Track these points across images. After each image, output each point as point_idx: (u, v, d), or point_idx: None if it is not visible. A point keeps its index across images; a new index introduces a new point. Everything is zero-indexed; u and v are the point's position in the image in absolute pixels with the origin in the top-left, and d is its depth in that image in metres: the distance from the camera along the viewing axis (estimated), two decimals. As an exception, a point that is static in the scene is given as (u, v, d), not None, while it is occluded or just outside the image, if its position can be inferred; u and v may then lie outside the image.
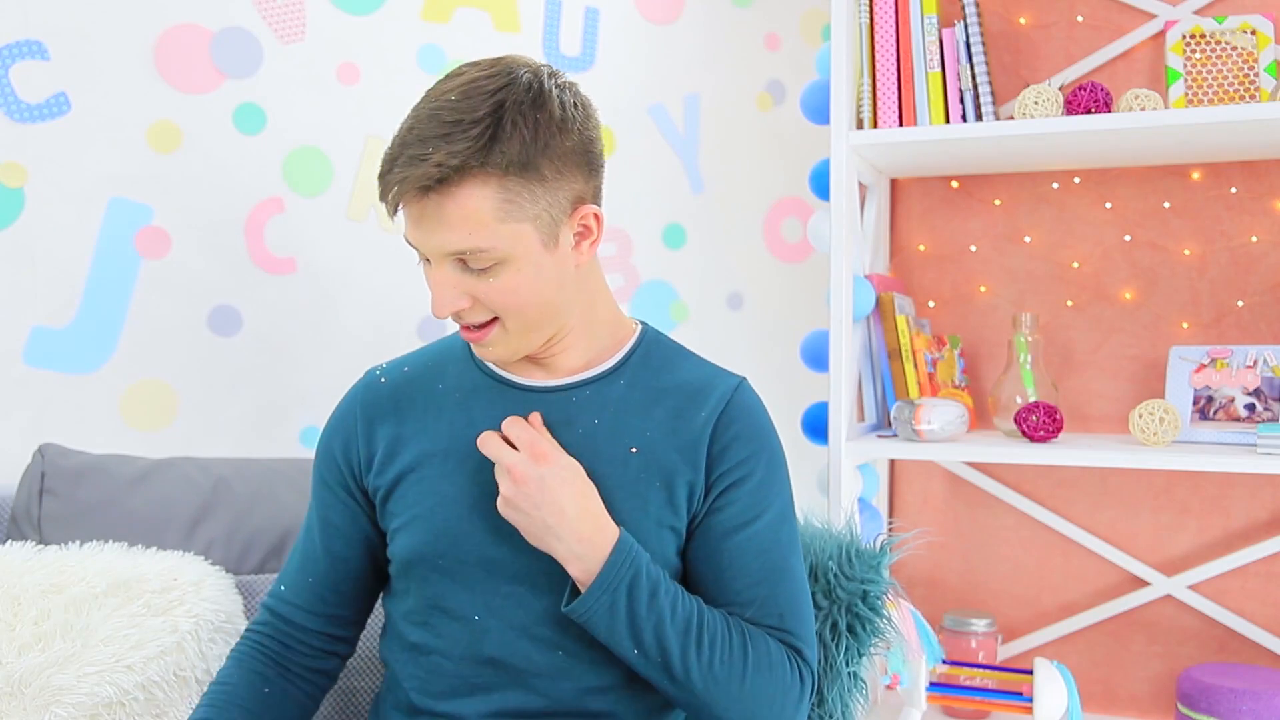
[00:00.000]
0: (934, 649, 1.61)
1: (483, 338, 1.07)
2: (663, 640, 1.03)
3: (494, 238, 1.00)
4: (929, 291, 2.14)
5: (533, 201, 1.01)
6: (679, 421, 1.11)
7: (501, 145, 0.98)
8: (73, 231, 1.63)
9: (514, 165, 0.99)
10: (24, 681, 1.18)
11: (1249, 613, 1.91)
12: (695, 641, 1.04)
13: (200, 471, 1.51)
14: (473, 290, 1.03)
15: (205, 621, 1.30)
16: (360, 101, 1.87)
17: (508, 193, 0.99)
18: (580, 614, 1.03)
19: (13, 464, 1.53)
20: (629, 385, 1.13)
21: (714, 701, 1.05)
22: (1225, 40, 1.86)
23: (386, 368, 1.20)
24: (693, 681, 1.04)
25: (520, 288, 1.03)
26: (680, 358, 1.18)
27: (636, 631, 1.03)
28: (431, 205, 0.99)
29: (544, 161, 1.00)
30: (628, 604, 1.02)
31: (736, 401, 1.13)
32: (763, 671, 1.07)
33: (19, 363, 1.59)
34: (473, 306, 1.04)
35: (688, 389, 1.13)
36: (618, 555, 1.03)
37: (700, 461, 1.10)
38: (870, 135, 1.83)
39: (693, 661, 1.04)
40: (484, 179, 0.98)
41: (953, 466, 2.11)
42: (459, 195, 0.98)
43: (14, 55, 1.59)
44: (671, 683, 1.05)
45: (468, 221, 0.99)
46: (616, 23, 2.14)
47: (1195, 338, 1.95)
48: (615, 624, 1.03)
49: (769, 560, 1.10)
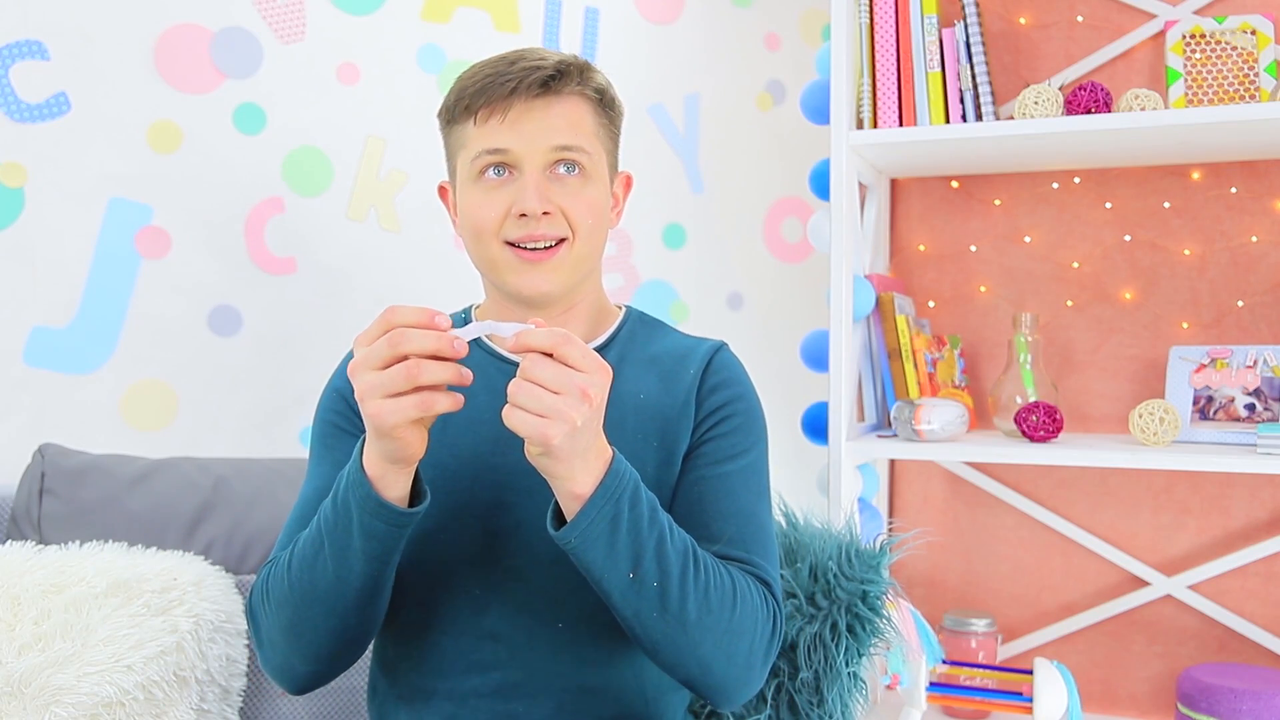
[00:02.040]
0: (934, 649, 1.61)
1: (549, 257, 1.09)
2: (663, 560, 0.97)
3: (592, 143, 1.11)
4: (929, 291, 2.14)
5: (610, 136, 1.15)
6: (669, 383, 1.15)
7: (595, 78, 1.12)
8: (73, 231, 1.63)
9: (604, 96, 1.13)
10: (24, 681, 1.18)
11: (1249, 613, 1.91)
12: (694, 565, 0.99)
13: (200, 471, 1.51)
14: (559, 199, 1.08)
15: (205, 621, 1.30)
16: (360, 101, 1.87)
17: (599, 116, 1.12)
18: (581, 527, 0.94)
19: (13, 464, 1.53)
20: (619, 357, 1.17)
21: (701, 636, 0.99)
22: (1225, 40, 1.86)
23: None
24: (687, 611, 0.98)
25: (596, 204, 1.11)
26: (664, 331, 1.23)
27: (638, 547, 0.95)
28: (545, 105, 1.07)
29: (614, 112, 1.16)
30: (630, 515, 0.95)
31: (719, 358, 1.19)
32: (746, 602, 1.03)
33: (19, 363, 1.59)
34: (551, 217, 1.08)
35: (675, 353, 1.18)
36: (618, 465, 0.96)
37: (691, 409, 1.14)
38: (870, 135, 1.83)
39: (690, 586, 0.98)
40: (585, 97, 1.11)
41: (953, 466, 2.11)
42: (569, 99, 1.09)
43: (14, 55, 1.59)
44: (662, 612, 0.97)
45: (574, 124, 1.09)
46: (616, 23, 2.14)
47: (1195, 338, 1.95)
48: (616, 538, 0.94)
49: (739, 501, 1.11)
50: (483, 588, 1.09)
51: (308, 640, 1.04)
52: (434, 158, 1.94)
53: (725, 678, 1.03)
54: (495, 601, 1.09)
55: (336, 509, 0.98)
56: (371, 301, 1.88)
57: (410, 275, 1.92)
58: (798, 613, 1.26)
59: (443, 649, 1.10)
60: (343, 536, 0.97)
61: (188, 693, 1.28)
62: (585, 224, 1.09)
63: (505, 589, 1.09)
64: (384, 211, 1.90)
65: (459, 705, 1.09)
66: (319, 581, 1.00)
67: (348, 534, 0.97)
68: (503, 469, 1.08)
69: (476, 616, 1.09)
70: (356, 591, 1.00)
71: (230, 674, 1.35)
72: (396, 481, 0.96)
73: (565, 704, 1.09)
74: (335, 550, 0.98)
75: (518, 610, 1.08)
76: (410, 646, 1.12)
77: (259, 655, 1.09)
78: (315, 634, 1.03)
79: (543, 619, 1.09)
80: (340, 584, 0.99)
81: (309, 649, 1.04)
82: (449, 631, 1.10)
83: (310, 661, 1.06)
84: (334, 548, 0.98)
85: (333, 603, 1.01)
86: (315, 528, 1.01)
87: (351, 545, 0.97)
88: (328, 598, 1.00)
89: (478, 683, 1.09)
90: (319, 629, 1.03)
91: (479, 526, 1.09)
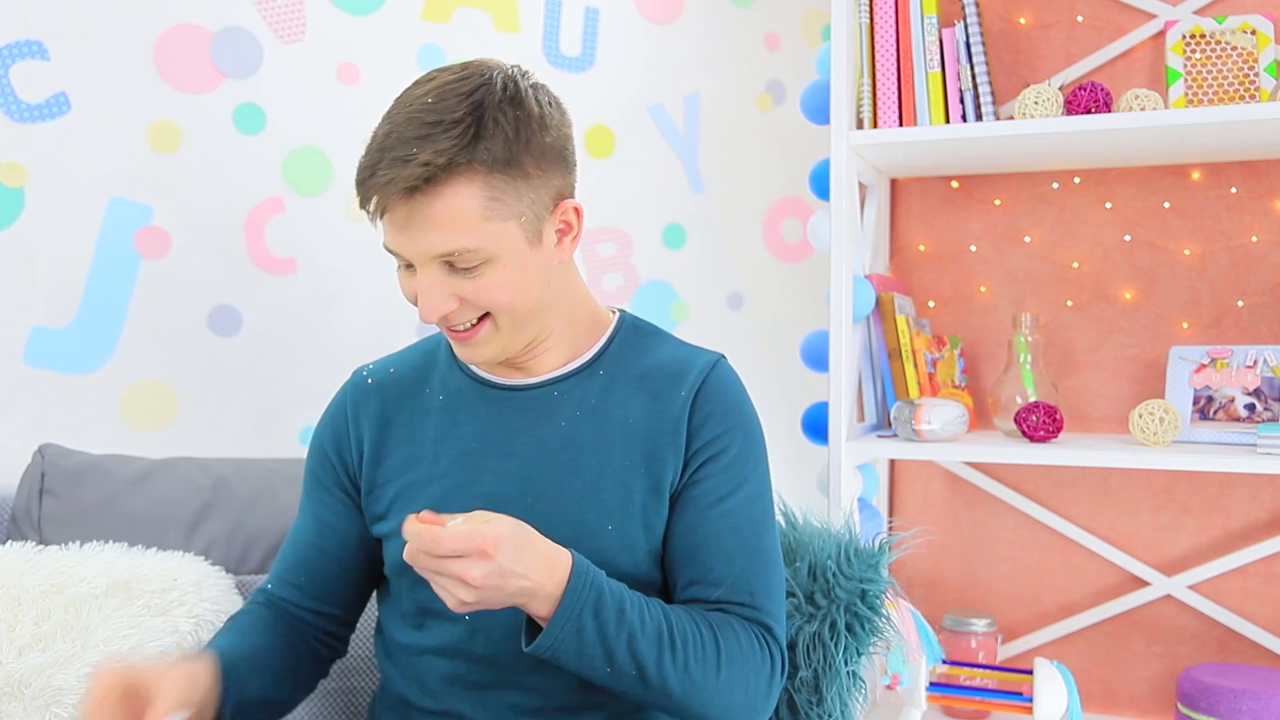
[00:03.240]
0: (934, 649, 1.62)
1: (473, 337, 1.06)
2: (636, 654, 1.00)
3: (481, 237, 1.00)
4: (929, 291, 2.14)
5: (517, 199, 1.01)
6: (659, 404, 1.11)
7: (485, 143, 0.98)
8: (73, 231, 1.63)
9: (498, 162, 0.99)
10: (24, 681, 1.18)
11: (1249, 613, 1.91)
12: (669, 648, 1.01)
13: (200, 471, 1.51)
14: (460, 291, 1.03)
15: (205, 622, 1.30)
16: (360, 101, 1.87)
17: (493, 190, 1.00)
18: (547, 647, 0.98)
19: (13, 464, 1.53)
20: (609, 375, 1.14)
21: (690, 701, 1.03)
22: (1225, 40, 1.86)
23: (373, 368, 1.21)
24: (669, 687, 1.02)
25: (508, 284, 1.03)
26: (658, 340, 1.19)
27: (608, 649, 0.99)
28: (419, 207, 0.99)
29: (526, 158, 1.01)
30: (595, 624, 0.98)
31: (713, 378, 1.13)
32: (735, 661, 1.05)
33: (19, 363, 1.59)
34: (460, 307, 1.04)
35: (666, 370, 1.14)
36: (576, 580, 0.98)
37: (681, 438, 1.10)
38: (870, 135, 1.83)
39: (668, 668, 1.01)
40: (470, 177, 0.98)
41: (953, 466, 2.11)
42: (445, 195, 0.98)
43: (14, 55, 1.59)
44: (646, 691, 1.02)
45: (455, 221, 0.99)
46: (616, 23, 2.14)
47: (1195, 338, 1.95)
48: (585, 648, 0.98)
49: (742, 538, 1.10)
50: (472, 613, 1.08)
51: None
52: (434, 158, 1.94)
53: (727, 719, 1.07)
54: (484, 626, 1.09)
55: None
56: (371, 301, 1.88)
57: (410, 275, 1.92)
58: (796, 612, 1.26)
59: (437, 669, 1.11)
60: None
61: (188, 693, 1.28)
62: (501, 305, 1.04)
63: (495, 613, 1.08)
64: (384, 211, 1.90)
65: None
66: None
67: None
68: (489, 498, 1.08)
69: (467, 639, 1.10)
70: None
71: (230, 674, 1.35)
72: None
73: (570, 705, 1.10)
74: None
75: (506, 635, 1.08)
76: (407, 666, 1.14)
77: None
78: None
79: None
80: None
81: None
82: (442, 653, 1.11)
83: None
84: None
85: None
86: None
87: None
88: None
89: (473, 703, 1.10)
90: None
91: None
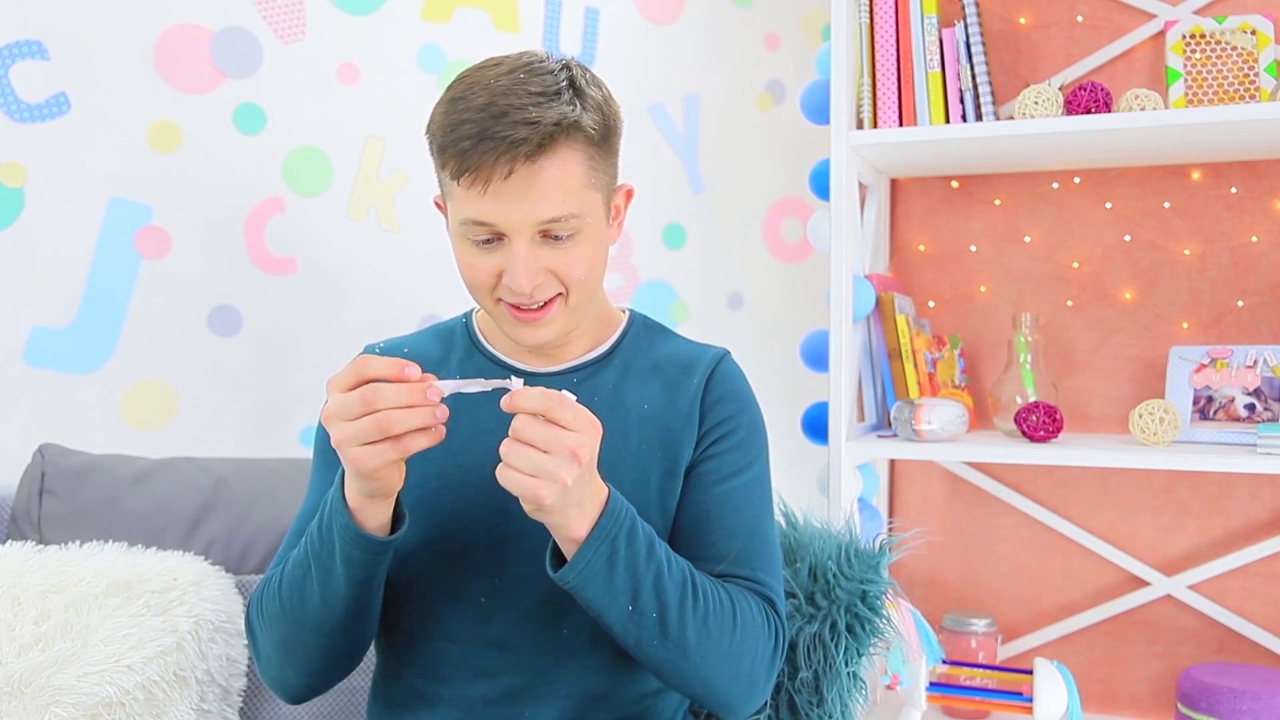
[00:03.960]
0: (934, 649, 1.62)
1: (543, 316, 1.06)
2: (661, 592, 0.99)
3: (581, 204, 1.02)
4: (929, 291, 2.14)
5: (605, 171, 1.05)
6: (672, 391, 1.15)
7: (590, 112, 1.01)
8: (73, 231, 1.63)
9: (597, 132, 1.02)
10: (24, 681, 1.18)
11: (1249, 613, 1.91)
12: (692, 595, 1.01)
13: (200, 471, 1.51)
14: (549, 263, 1.03)
15: (205, 621, 1.30)
16: (360, 101, 1.87)
17: (591, 160, 1.02)
18: (578, 569, 0.96)
19: (13, 464, 1.53)
20: (623, 365, 1.17)
21: (703, 659, 1.02)
22: (1225, 40, 1.86)
23: (385, 346, 1.20)
24: (687, 638, 1.00)
25: (590, 258, 1.05)
26: (667, 336, 1.23)
27: (636, 582, 0.97)
28: (527, 173, 0.98)
29: (612, 132, 1.05)
30: (627, 553, 0.97)
31: (722, 369, 1.17)
32: (747, 626, 1.05)
33: (19, 363, 1.60)
34: (545, 281, 1.04)
35: (678, 361, 1.17)
36: (614, 504, 0.98)
37: (695, 419, 1.13)
38: (870, 135, 1.83)
39: (689, 616, 1.00)
40: (578, 143, 1.01)
41: (953, 466, 2.11)
42: (557, 159, 0.99)
43: (14, 55, 1.59)
44: (663, 640, 1.00)
45: (563, 186, 1.00)
46: (616, 23, 2.14)
47: (1195, 338, 1.95)
48: (614, 576, 0.97)
49: (744, 517, 1.12)
50: (488, 595, 1.09)
51: (300, 656, 1.06)
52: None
53: (729, 695, 1.06)
54: (500, 609, 1.09)
55: (321, 536, 1.01)
56: (372, 301, 1.88)
57: (410, 275, 1.92)
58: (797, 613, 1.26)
59: (449, 656, 1.11)
60: (326, 562, 1.00)
61: (188, 693, 1.28)
62: (578, 279, 1.05)
63: (510, 596, 1.09)
64: (384, 211, 1.90)
65: (465, 712, 1.10)
66: (307, 602, 1.03)
67: (331, 560, 1.00)
68: None
69: (482, 624, 1.10)
70: (342, 613, 1.03)
71: (230, 674, 1.35)
72: (376, 512, 0.98)
73: (569, 709, 1.10)
74: (320, 574, 1.01)
75: (523, 617, 1.09)
76: (415, 653, 1.13)
77: (257, 666, 1.12)
78: (306, 650, 1.06)
79: (548, 625, 1.09)
80: (326, 605, 1.02)
81: (302, 664, 1.07)
82: (455, 639, 1.11)
83: (304, 675, 1.08)
84: (319, 572, 1.01)
85: (320, 622, 1.03)
86: (302, 551, 1.03)
87: (334, 571, 1.00)
88: (315, 618, 1.03)
89: (484, 689, 1.10)
90: (309, 646, 1.05)
91: (484, 535, 1.09)
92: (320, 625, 1.03)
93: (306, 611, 1.03)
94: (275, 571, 1.09)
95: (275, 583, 1.06)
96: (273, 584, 1.07)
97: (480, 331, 1.19)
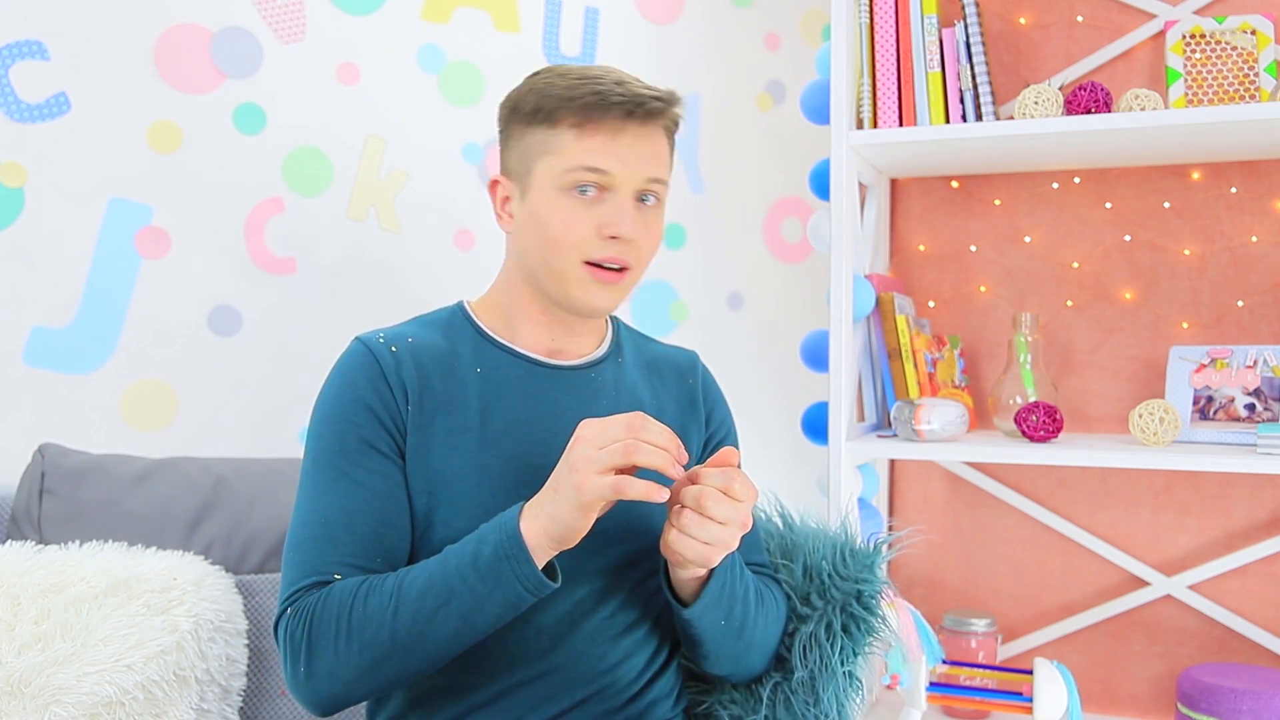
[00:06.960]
0: (934, 649, 1.61)
1: (621, 279, 1.12)
2: (746, 605, 1.11)
3: (669, 175, 1.15)
4: (929, 291, 2.14)
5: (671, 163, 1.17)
6: (675, 390, 1.25)
7: (677, 109, 1.14)
8: (73, 231, 1.63)
9: (675, 128, 1.16)
10: (24, 681, 1.18)
11: (1249, 613, 1.91)
12: (759, 600, 1.14)
13: (200, 471, 1.51)
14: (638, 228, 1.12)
15: (205, 621, 1.30)
16: (360, 101, 1.87)
17: (671, 147, 1.16)
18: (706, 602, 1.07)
19: (13, 464, 1.53)
20: (627, 362, 1.23)
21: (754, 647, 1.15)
22: (1225, 40, 1.86)
23: (389, 335, 1.14)
24: (754, 636, 1.13)
25: (659, 233, 1.15)
26: (643, 336, 1.31)
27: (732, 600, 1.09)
28: (644, 134, 1.09)
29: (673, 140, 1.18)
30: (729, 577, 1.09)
31: (707, 372, 1.31)
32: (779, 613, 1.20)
33: (19, 363, 1.60)
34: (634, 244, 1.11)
35: (669, 363, 1.28)
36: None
37: (700, 419, 1.25)
38: (870, 135, 1.83)
39: (756, 620, 1.13)
40: (669, 126, 1.14)
41: (953, 466, 2.11)
42: (660, 129, 1.12)
43: (14, 55, 1.59)
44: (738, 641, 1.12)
45: (662, 155, 1.13)
46: (616, 23, 2.14)
47: (1195, 338, 1.95)
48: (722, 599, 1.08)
49: None
50: None
51: (388, 679, 1.03)
52: (434, 157, 1.95)
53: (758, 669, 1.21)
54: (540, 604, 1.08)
55: (480, 573, 0.98)
56: (372, 301, 1.88)
57: (410, 275, 1.92)
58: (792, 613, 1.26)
59: (485, 645, 1.08)
60: (479, 600, 0.98)
61: (188, 692, 1.28)
62: (648, 254, 1.14)
63: None
64: (384, 211, 1.90)
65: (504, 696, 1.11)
66: (434, 633, 1.00)
67: (487, 599, 0.98)
68: (544, 469, 1.06)
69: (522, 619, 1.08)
70: (468, 644, 1.03)
71: (230, 674, 1.35)
72: (547, 556, 1.00)
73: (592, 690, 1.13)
74: (464, 609, 0.99)
75: (560, 610, 1.10)
76: None
77: (298, 680, 1.04)
78: (402, 674, 1.02)
79: (584, 611, 1.12)
80: (457, 637, 1.01)
81: (383, 686, 1.03)
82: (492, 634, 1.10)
83: (372, 693, 1.05)
84: (464, 607, 0.99)
85: (441, 652, 1.02)
86: (440, 583, 0.99)
87: (486, 609, 0.99)
88: (438, 647, 1.01)
89: (521, 674, 1.11)
90: (409, 670, 1.02)
91: None
92: (439, 654, 1.01)
93: (429, 641, 1.00)
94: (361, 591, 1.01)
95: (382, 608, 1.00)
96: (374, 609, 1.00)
97: (484, 323, 1.19)
